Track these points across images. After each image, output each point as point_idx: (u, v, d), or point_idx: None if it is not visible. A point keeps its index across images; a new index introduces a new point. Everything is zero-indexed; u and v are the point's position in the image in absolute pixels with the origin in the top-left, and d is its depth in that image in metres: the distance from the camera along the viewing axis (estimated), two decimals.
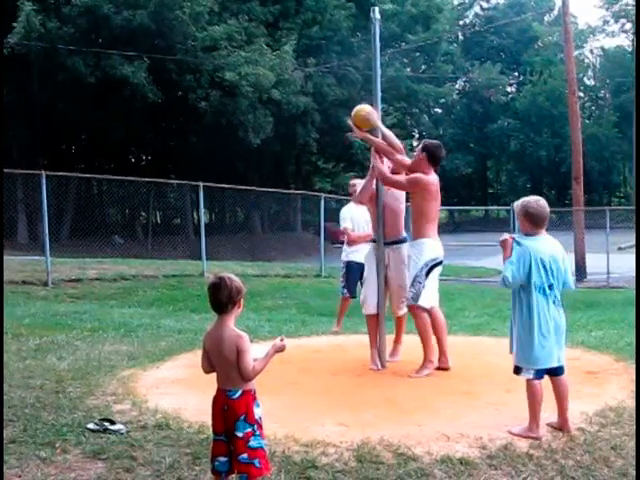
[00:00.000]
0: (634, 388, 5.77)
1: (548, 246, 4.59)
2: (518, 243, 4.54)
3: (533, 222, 4.57)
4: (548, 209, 4.65)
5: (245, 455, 3.47)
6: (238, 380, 3.51)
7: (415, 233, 6.79)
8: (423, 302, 6.57)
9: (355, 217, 9.67)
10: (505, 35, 69.26)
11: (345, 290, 9.89)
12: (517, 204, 4.65)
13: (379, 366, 6.82)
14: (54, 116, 31.20)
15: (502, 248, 4.55)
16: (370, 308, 6.99)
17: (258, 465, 3.49)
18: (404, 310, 6.98)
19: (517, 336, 4.65)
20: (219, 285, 3.57)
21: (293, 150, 38.07)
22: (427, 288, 6.56)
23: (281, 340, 3.68)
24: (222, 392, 3.55)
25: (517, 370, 4.69)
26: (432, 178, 6.68)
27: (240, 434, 3.48)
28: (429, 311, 6.65)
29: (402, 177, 6.75)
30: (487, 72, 62.83)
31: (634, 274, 17.51)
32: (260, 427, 3.54)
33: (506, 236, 4.59)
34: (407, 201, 7.07)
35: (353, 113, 6.83)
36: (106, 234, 26.22)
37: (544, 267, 4.50)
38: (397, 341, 7.33)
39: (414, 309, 6.65)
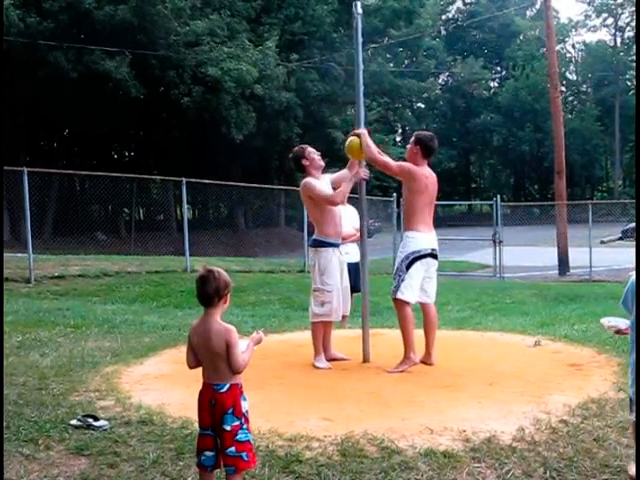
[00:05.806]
0: (615, 380, 5.81)
1: None
2: None
3: None
4: None
5: (233, 448, 3.48)
6: (226, 374, 3.52)
7: (405, 226, 6.90)
8: (401, 295, 6.54)
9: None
10: (487, 30, 69.46)
11: None
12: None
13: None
14: (36, 112, 30.94)
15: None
16: (339, 314, 7.02)
17: (246, 458, 3.51)
18: None
19: None
20: (207, 278, 3.58)
21: (276, 146, 37.95)
22: (407, 281, 6.52)
23: (257, 333, 3.73)
24: (209, 386, 3.55)
25: None
26: (423, 170, 6.63)
27: (228, 427, 3.48)
28: (415, 306, 6.66)
29: (392, 161, 6.71)
30: (469, 67, 63.04)
31: (617, 268, 17.68)
32: (247, 420, 3.56)
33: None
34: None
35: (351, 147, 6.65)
36: (89, 231, 26.09)
37: None
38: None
39: (394, 302, 6.65)
